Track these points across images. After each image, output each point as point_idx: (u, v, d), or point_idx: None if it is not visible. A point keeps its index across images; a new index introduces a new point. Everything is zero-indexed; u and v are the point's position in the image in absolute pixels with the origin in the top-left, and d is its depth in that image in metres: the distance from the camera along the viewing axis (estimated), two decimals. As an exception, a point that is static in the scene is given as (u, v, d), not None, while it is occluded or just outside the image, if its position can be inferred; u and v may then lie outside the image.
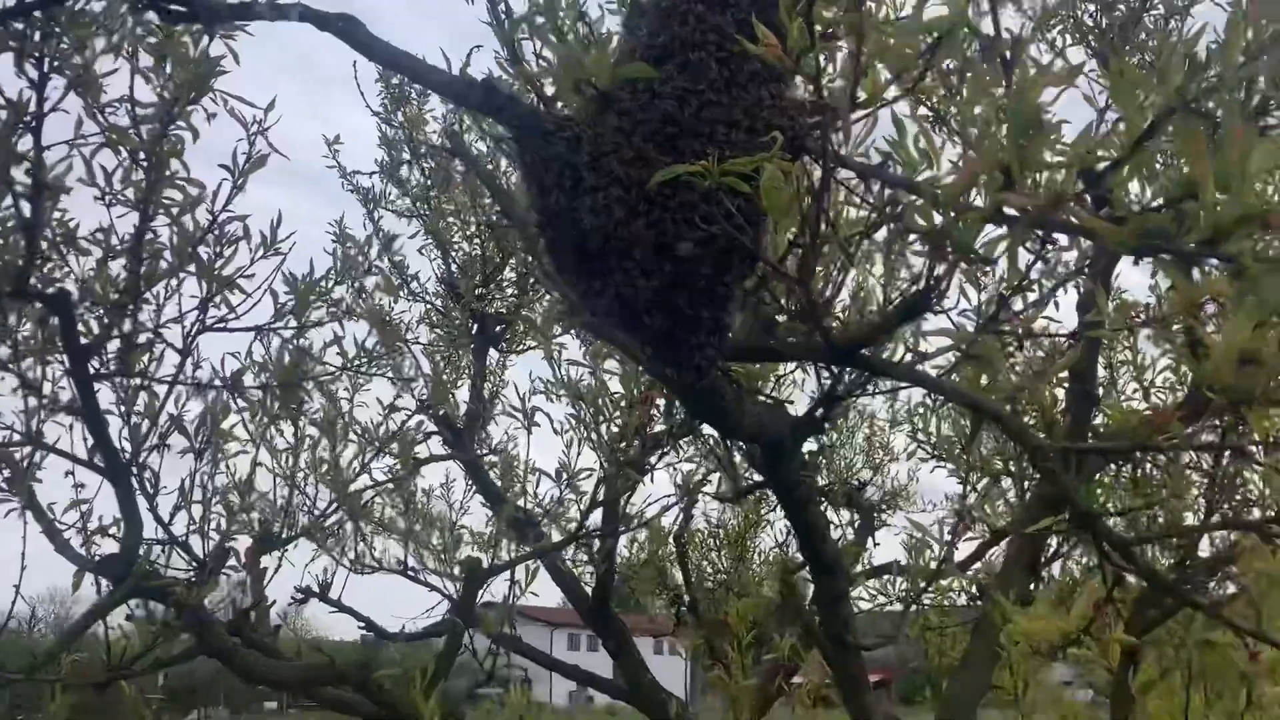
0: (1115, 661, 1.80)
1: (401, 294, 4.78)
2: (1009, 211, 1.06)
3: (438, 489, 4.13)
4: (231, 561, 2.71)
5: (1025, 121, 0.98)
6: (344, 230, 4.52)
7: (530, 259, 4.19)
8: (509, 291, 4.84)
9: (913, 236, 1.35)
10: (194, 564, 2.56)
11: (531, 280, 4.72)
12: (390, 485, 3.72)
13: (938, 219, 1.08)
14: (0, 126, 1.89)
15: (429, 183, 4.82)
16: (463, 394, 4.58)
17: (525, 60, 1.95)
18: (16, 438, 2.33)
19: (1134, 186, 1.10)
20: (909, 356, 1.56)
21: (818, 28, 1.18)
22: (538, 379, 3.57)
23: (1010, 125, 0.97)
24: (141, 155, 2.27)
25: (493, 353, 4.95)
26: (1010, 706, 3.02)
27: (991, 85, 1.14)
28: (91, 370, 2.20)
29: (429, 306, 4.98)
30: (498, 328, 4.88)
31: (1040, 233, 1.06)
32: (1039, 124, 0.99)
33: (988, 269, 1.61)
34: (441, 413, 4.29)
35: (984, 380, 1.72)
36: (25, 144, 1.96)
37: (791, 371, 3.30)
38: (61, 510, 2.48)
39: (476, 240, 4.71)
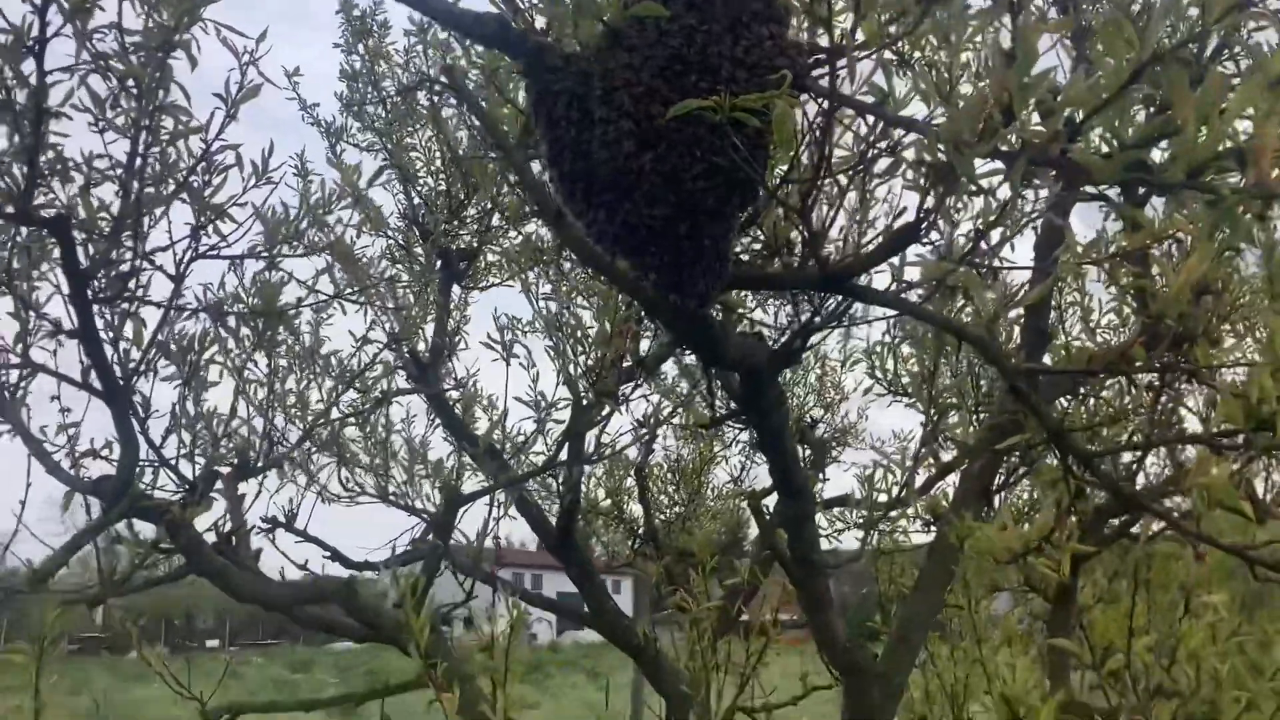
0: (1066, 574, 1.95)
1: (365, 228, 4.81)
2: (1004, 148, 1.17)
3: (398, 422, 4.23)
4: (217, 486, 2.78)
5: (1029, 60, 1.08)
6: (305, 164, 4.54)
7: (520, 192, 4.23)
8: (473, 228, 4.89)
9: (905, 171, 1.45)
10: (185, 486, 2.62)
11: (497, 218, 4.77)
12: (361, 417, 3.80)
13: (940, 153, 1.19)
14: (3, 49, 1.90)
15: (390, 118, 4.83)
16: (428, 330, 4.64)
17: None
18: (13, 360, 2.36)
19: (1107, 133, 1.22)
20: (893, 285, 1.68)
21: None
22: (504, 314, 3.66)
23: (1018, 62, 1.07)
24: (132, 82, 2.29)
25: (456, 289, 5.01)
26: (960, 617, 3.20)
27: (986, 29, 1.25)
28: (89, 294, 2.24)
29: (391, 242, 5.01)
30: (461, 264, 4.93)
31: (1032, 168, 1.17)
32: (1038, 67, 1.10)
33: (962, 205, 1.73)
34: (407, 349, 4.35)
35: (955, 309, 1.85)
36: (27, 68, 1.98)
37: (756, 307, 3.42)
38: (52, 433, 2.53)
39: (441, 176, 4.74)
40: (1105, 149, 1.16)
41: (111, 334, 2.47)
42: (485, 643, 2.55)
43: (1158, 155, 1.24)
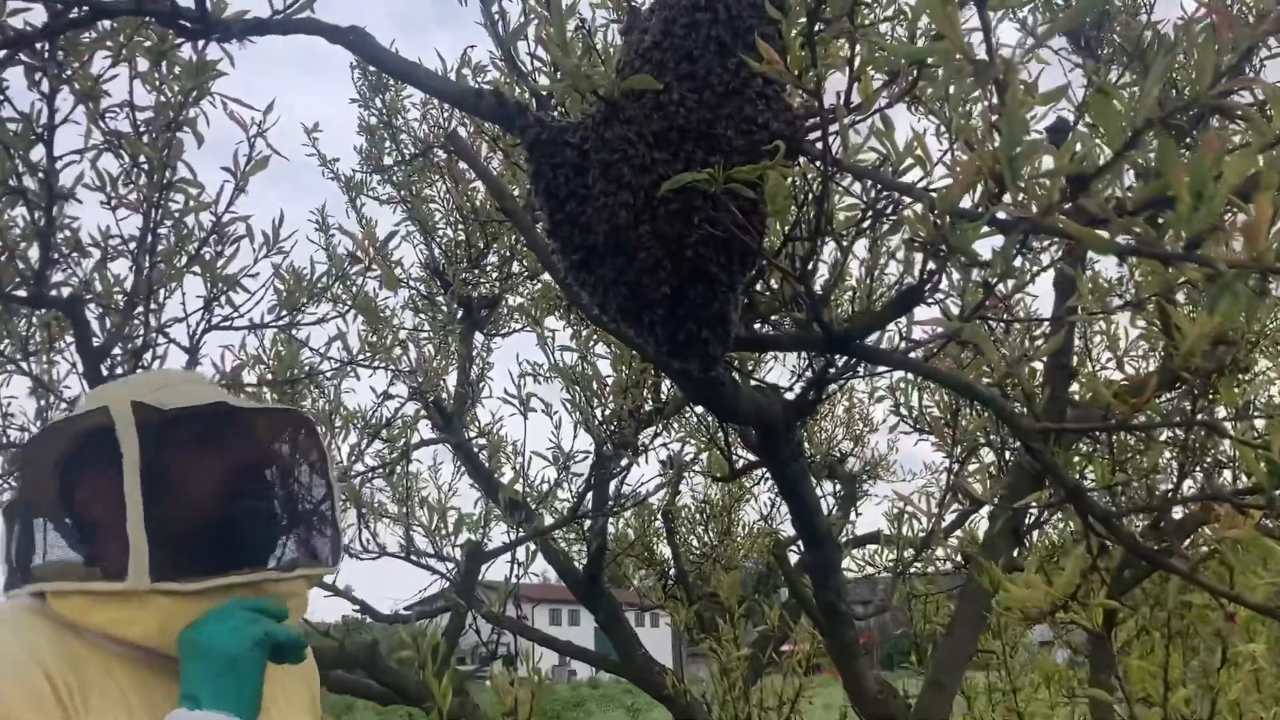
0: (1098, 624, 1.90)
1: (377, 280, 4.84)
2: (1001, 217, 1.15)
3: (425, 472, 4.23)
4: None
5: (1015, 136, 1.06)
6: (325, 219, 4.59)
7: (526, 248, 4.25)
8: (493, 276, 4.91)
9: (907, 233, 1.43)
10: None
11: (516, 265, 4.79)
12: (385, 470, 3.80)
13: (935, 223, 1.17)
14: (14, 138, 1.93)
15: (409, 171, 4.87)
16: (451, 379, 4.66)
17: (521, 63, 2.02)
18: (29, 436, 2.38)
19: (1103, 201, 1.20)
20: (901, 344, 1.65)
21: (818, 40, 1.26)
22: (525, 362, 3.66)
23: (1002, 139, 1.05)
24: (143, 159, 2.32)
25: (478, 336, 5.02)
26: (997, 668, 3.15)
27: (981, 99, 1.23)
28: (103, 371, 2.25)
29: (413, 292, 5.05)
30: (483, 312, 4.95)
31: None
32: (1027, 138, 1.08)
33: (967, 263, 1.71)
34: (431, 398, 4.36)
35: (966, 363, 1.82)
36: (37, 154, 2.01)
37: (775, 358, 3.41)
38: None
39: (460, 226, 4.77)
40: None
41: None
42: (510, 708, 2.53)
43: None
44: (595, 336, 3.85)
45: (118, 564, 1.12)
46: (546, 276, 4.50)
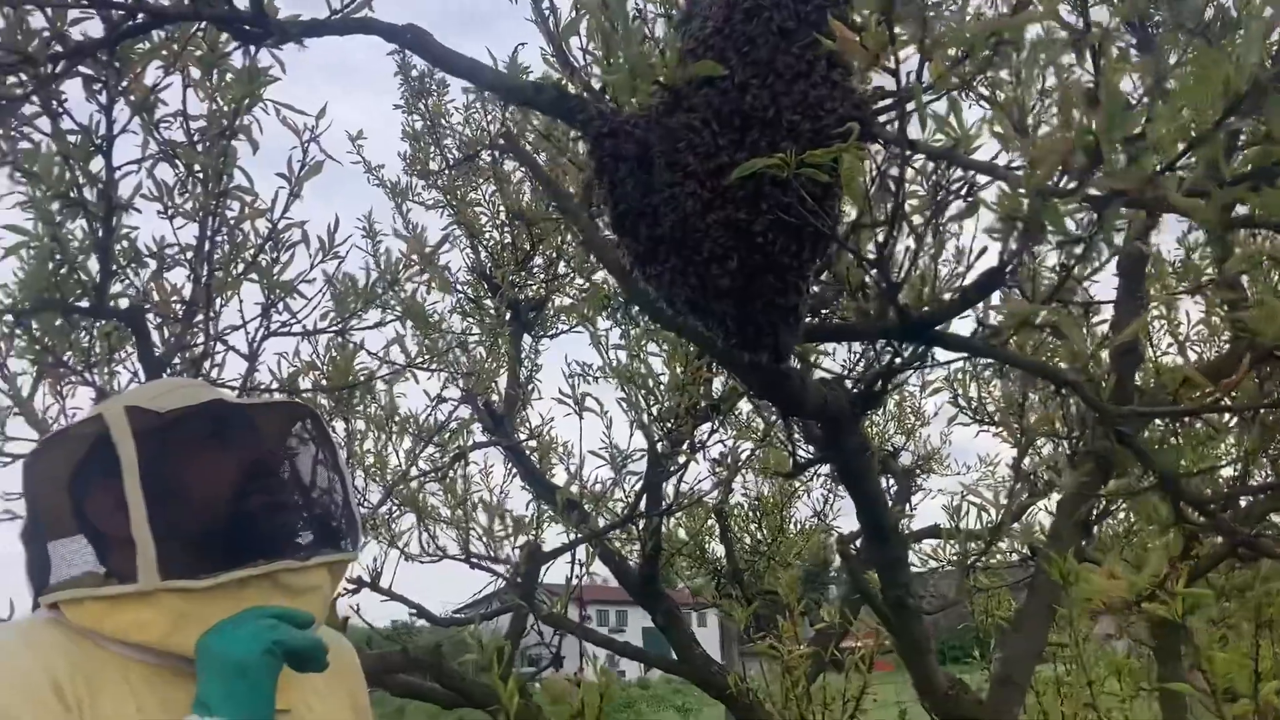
0: (1179, 615, 1.85)
1: (433, 286, 4.85)
2: (1094, 192, 1.10)
3: (477, 475, 4.23)
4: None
5: (1114, 105, 1.02)
6: (372, 225, 4.60)
7: (572, 248, 4.24)
8: (540, 277, 4.90)
9: (980, 214, 1.39)
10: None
11: (562, 266, 4.78)
12: (440, 474, 3.80)
13: (1023, 201, 1.13)
14: (73, 149, 1.94)
15: (454, 176, 4.87)
16: (501, 381, 4.65)
17: (573, 58, 2.00)
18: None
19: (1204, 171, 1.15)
20: (977, 331, 1.61)
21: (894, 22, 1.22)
22: (575, 362, 3.64)
23: (1100, 109, 1.01)
24: (197, 168, 2.32)
25: (526, 338, 5.02)
26: (1065, 661, 3.08)
27: (1059, 68, 1.19)
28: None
29: (460, 296, 5.05)
30: (530, 314, 4.95)
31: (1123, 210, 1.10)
32: (1125, 107, 1.03)
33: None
34: (483, 401, 4.36)
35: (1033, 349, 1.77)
36: (95, 165, 2.01)
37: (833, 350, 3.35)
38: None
39: (507, 229, 4.77)
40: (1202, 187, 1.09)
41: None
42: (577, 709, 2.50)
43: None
44: (646, 336, 3.83)
45: (129, 568, 1.11)
46: (595, 276, 4.49)
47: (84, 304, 2.09)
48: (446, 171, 4.69)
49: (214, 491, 1.20)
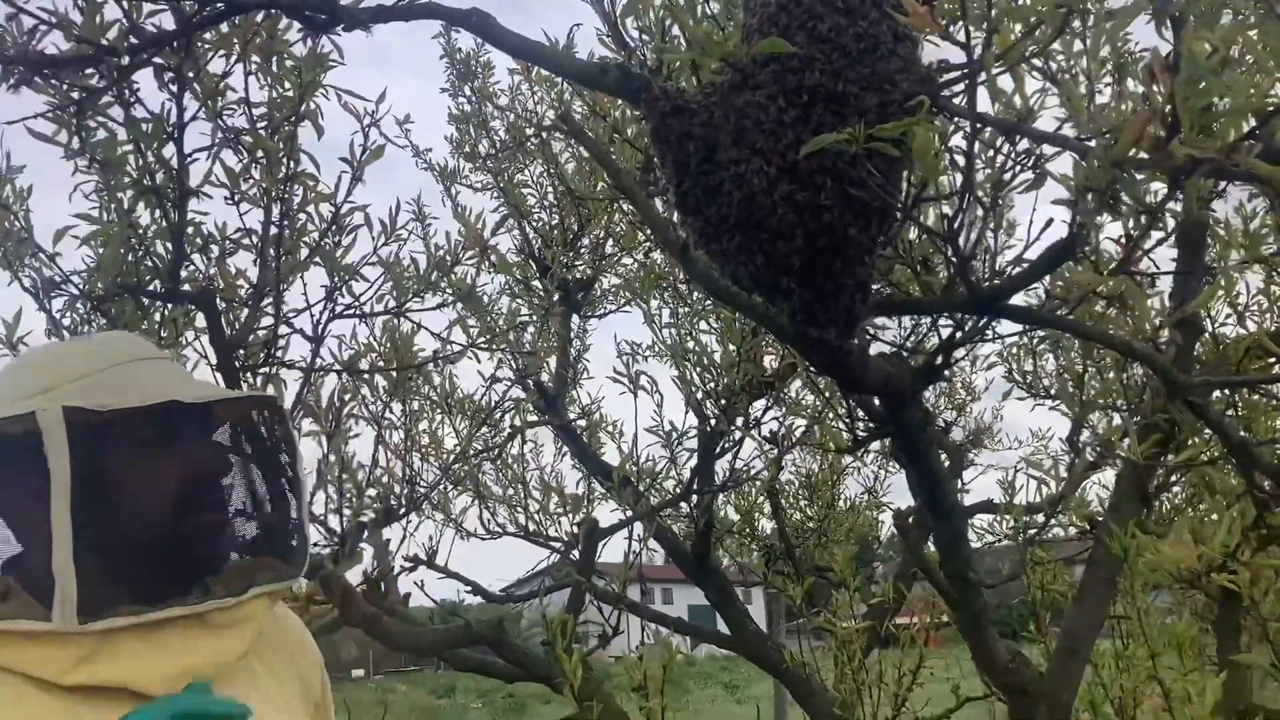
0: (1250, 586, 1.84)
1: (484, 267, 4.89)
2: (1174, 162, 1.10)
3: (528, 455, 4.28)
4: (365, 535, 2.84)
5: (1195, 73, 1.02)
6: (422, 208, 4.63)
7: (621, 228, 4.26)
8: (588, 257, 4.93)
9: (1055, 187, 1.38)
10: (335, 540, 2.69)
11: (610, 246, 4.80)
12: (495, 453, 3.85)
13: (1102, 173, 1.13)
14: (146, 136, 1.98)
15: (502, 158, 4.90)
16: (552, 361, 4.69)
17: (630, 38, 2.01)
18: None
19: None
20: (1045, 303, 1.61)
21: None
22: (625, 341, 3.67)
23: (1180, 76, 1.01)
24: (261, 154, 2.36)
25: (575, 318, 5.05)
26: (1124, 635, 3.06)
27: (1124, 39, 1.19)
28: (235, 363, 2.31)
29: (509, 277, 5.09)
30: (579, 294, 4.98)
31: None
32: (1205, 74, 1.03)
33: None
34: (534, 383, 4.40)
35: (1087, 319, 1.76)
36: (167, 152, 2.06)
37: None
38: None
39: (555, 209, 4.79)
40: None
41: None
42: (639, 681, 2.54)
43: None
44: (698, 315, 3.85)
45: (40, 589, 1.00)
46: (644, 256, 4.50)
47: (157, 288, 2.14)
48: (496, 154, 4.71)
49: (148, 509, 1.08)
